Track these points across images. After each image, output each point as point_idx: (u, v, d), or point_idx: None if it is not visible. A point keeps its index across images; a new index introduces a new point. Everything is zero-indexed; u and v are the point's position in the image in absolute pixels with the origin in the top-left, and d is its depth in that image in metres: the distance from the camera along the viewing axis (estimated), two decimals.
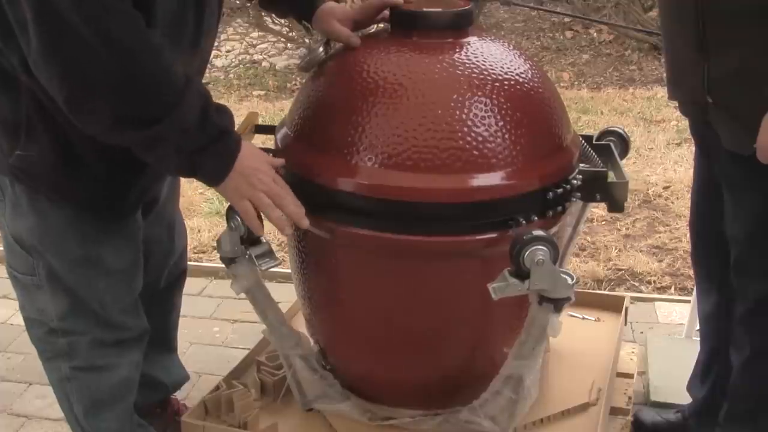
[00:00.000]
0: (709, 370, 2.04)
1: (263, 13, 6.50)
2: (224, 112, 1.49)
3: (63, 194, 1.60)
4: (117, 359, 1.78)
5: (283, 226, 1.52)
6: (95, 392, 1.79)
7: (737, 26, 1.57)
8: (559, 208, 1.56)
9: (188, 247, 2.26)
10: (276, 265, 1.64)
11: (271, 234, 3.29)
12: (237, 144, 1.48)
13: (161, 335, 2.04)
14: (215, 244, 2.11)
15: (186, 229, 2.10)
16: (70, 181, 1.58)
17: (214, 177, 1.48)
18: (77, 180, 1.58)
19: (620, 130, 1.86)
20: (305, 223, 1.52)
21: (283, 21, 6.49)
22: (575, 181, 1.58)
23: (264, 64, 7.05)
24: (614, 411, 1.92)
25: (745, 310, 1.78)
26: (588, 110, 5.06)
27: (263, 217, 1.63)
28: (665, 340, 2.54)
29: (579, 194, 1.59)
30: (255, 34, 7.39)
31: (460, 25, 1.63)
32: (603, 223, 3.47)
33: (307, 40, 6.41)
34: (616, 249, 3.23)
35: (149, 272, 1.87)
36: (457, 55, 1.57)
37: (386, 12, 1.69)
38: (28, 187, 1.60)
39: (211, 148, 1.44)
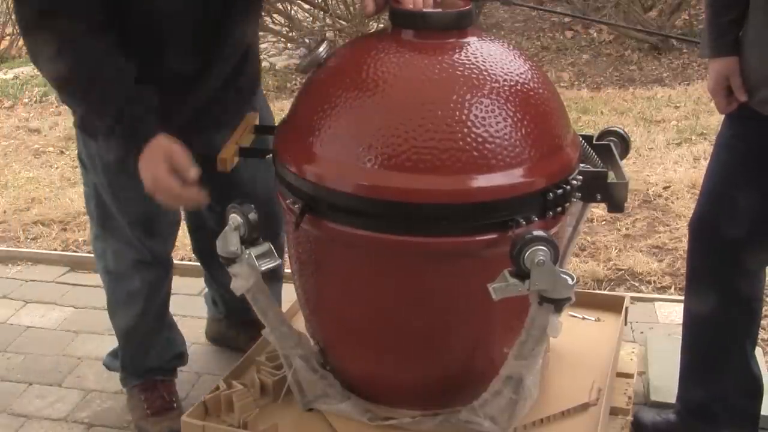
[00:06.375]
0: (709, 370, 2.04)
1: (263, 13, 6.48)
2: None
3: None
4: (133, 272, 2.09)
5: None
6: (112, 294, 2.17)
7: None
8: (559, 209, 1.56)
9: (187, 247, 2.26)
10: (276, 266, 1.64)
11: None
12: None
13: None
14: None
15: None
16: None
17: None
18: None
19: (620, 130, 1.86)
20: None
21: (283, 21, 6.49)
22: (575, 182, 1.58)
23: (264, 64, 7.03)
24: (614, 411, 1.92)
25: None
26: (588, 110, 5.06)
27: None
28: (665, 340, 2.54)
29: (579, 194, 1.59)
30: None
31: (460, 26, 1.63)
32: (603, 223, 3.46)
33: (307, 40, 6.40)
34: (616, 249, 3.22)
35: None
36: (457, 55, 1.57)
37: None
38: None
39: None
